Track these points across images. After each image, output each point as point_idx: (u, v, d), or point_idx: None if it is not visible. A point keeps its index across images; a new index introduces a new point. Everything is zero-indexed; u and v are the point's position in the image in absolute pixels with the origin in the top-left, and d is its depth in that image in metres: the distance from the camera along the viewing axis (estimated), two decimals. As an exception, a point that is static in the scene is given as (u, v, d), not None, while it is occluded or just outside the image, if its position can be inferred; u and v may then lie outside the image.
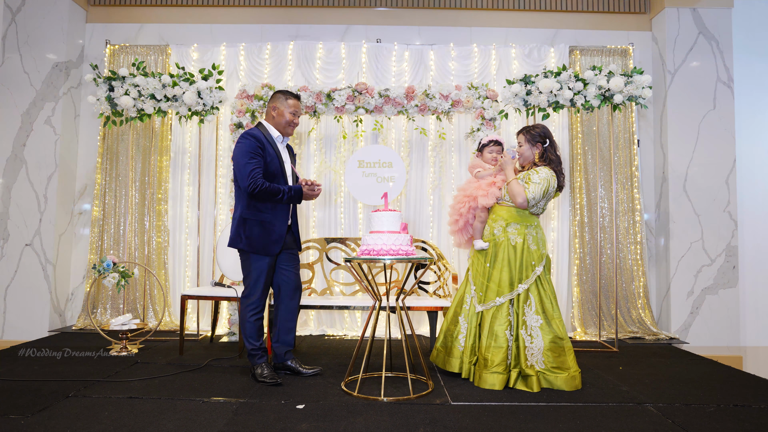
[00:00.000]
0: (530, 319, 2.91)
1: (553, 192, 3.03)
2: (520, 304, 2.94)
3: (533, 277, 2.95)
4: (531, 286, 2.95)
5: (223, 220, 4.66)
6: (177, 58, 4.80)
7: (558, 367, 2.85)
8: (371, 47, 4.83)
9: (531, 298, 2.94)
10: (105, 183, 4.76)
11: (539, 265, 2.97)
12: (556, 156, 3.05)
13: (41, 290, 4.54)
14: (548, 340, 2.87)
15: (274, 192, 2.90)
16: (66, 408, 2.48)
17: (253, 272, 3.00)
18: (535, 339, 2.88)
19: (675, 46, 4.73)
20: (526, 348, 2.89)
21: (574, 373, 2.86)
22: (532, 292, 2.94)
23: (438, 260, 4.24)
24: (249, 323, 3.02)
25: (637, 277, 4.69)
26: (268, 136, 3.05)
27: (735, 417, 2.45)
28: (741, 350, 4.59)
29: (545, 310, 2.92)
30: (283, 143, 3.15)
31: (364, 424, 2.31)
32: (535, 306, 2.92)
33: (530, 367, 2.86)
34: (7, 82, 4.64)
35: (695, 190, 4.65)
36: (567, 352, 2.89)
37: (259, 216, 2.97)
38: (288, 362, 3.13)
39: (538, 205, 3.03)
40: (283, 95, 3.10)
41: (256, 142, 2.94)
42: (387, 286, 2.94)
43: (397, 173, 4.28)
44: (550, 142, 3.05)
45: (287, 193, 2.94)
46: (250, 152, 2.92)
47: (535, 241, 2.99)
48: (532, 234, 3.00)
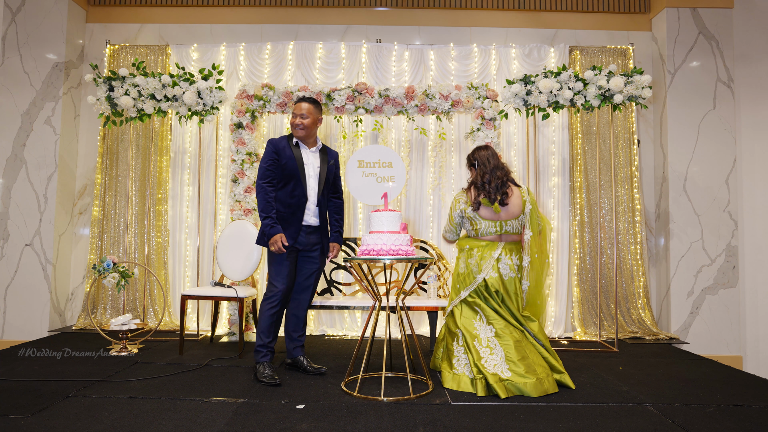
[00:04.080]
0: (483, 331, 2.99)
1: (464, 209, 3.10)
2: (472, 315, 3.06)
3: (457, 299, 3.07)
4: (477, 299, 3.04)
5: (223, 220, 4.66)
6: (177, 58, 4.80)
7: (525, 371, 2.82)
8: (371, 47, 4.83)
9: (479, 311, 3.03)
10: (105, 183, 4.76)
11: (464, 289, 3.06)
12: (482, 175, 3.10)
13: (41, 290, 4.54)
14: (510, 347, 2.86)
15: (264, 207, 3.09)
16: (66, 408, 2.48)
17: (271, 267, 3.16)
18: (495, 349, 2.91)
19: (675, 46, 4.73)
20: (484, 358, 2.93)
21: (542, 376, 2.81)
22: (478, 303, 3.03)
23: (438, 260, 4.24)
24: (264, 317, 3.11)
25: (637, 277, 4.69)
26: (291, 142, 3.21)
27: (735, 417, 2.45)
28: (741, 350, 4.59)
29: (491, 321, 2.97)
30: (313, 149, 3.25)
31: (364, 424, 2.31)
32: (485, 318, 2.99)
33: (494, 375, 2.81)
34: (7, 82, 4.64)
35: (695, 190, 4.65)
36: (530, 355, 2.89)
37: (277, 214, 3.12)
38: (298, 357, 3.22)
39: (463, 230, 3.22)
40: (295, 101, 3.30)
41: (272, 147, 3.16)
42: (387, 286, 2.94)
43: (397, 173, 4.28)
44: (478, 163, 3.14)
45: (266, 219, 3.08)
46: (266, 157, 3.16)
47: (466, 266, 3.10)
48: (463, 258, 3.14)
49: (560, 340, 4.37)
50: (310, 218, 3.18)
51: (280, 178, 3.13)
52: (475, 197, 3.05)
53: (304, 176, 3.15)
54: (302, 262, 3.23)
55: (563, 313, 4.61)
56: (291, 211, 3.12)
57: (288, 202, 3.12)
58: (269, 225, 3.05)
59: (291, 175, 3.13)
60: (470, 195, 3.09)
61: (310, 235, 3.18)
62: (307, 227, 3.17)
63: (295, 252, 3.16)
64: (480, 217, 3.06)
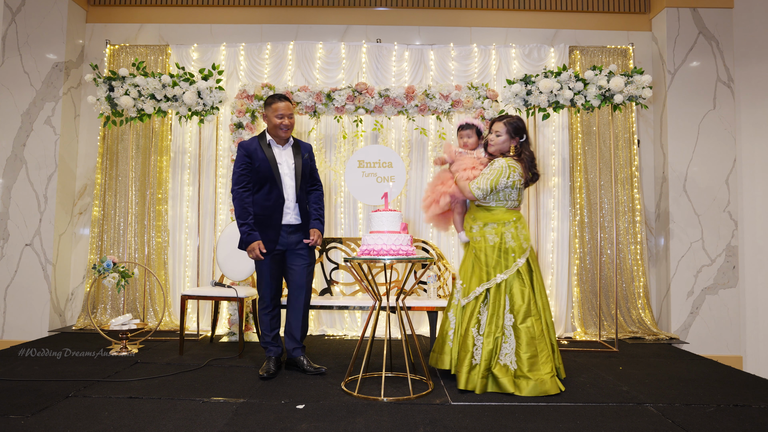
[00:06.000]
0: (505, 318, 2.86)
1: (518, 181, 2.95)
2: (498, 302, 2.88)
3: (514, 268, 2.89)
4: (510, 278, 2.89)
5: (223, 220, 4.66)
6: (177, 58, 4.80)
7: (529, 370, 2.75)
8: (371, 47, 4.83)
9: (506, 297, 2.88)
10: (105, 183, 4.76)
11: (520, 257, 2.92)
12: (530, 152, 3.02)
13: (41, 290, 4.54)
14: (522, 340, 2.79)
15: (240, 213, 3.09)
16: (66, 408, 2.48)
17: (257, 272, 3.20)
18: (509, 338, 2.82)
19: (675, 46, 4.73)
20: (501, 347, 2.82)
21: (545, 377, 2.73)
22: (510, 287, 2.88)
23: (438, 260, 4.24)
24: (260, 318, 3.25)
25: (637, 277, 4.69)
26: (263, 143, 3.16)
27: (735, 417, 2.45)
28: (741, 350, 4.59)
29: (516, 309, 2.84)
30: (285, 147, 3.22)
31: (364, 424, 2.31)
32: (509, 305, 2.87)
33: (503, 366, 2.79)
34: (7, 82, 4.64)
35: (695, 190, 4.65)
36: (540, 353, 2.78)
37: (256, 218, 3.12)
38: (298, 358, 3.22)
39: (506, 197, 2.97)
40: (269, 100, 3.18)
41: (243, 152, 3.13)
42: (387, 286, 2.94)
43: (397, 173, 4.28)
44: (526, 138, 3.04)
45: (243, 226, 3.08)
46: (238, 162, 3.14)
47: (514, 238, 2.94)
48: (511, 231, 2.95)
49: (560, 340, 4.37)
50: (291, 218, 3.16)
51: (255, 182, 3.11)
52: (524, 172, 2.97)
53: (279, 177, 3.12)
54: (291, 259, 3.20)
55: (563, 313, 4.61)
56: (269, 213, 3.10)
57: (265, 205, 3.10)
58: (246, 232, 3.07)
59: (265, 178, 3.10)
60: (522, 168, 2.97)
61: (291, 234, 3.16)
62: (288, 227, 3.15)
63: (279, 254, 3.17)
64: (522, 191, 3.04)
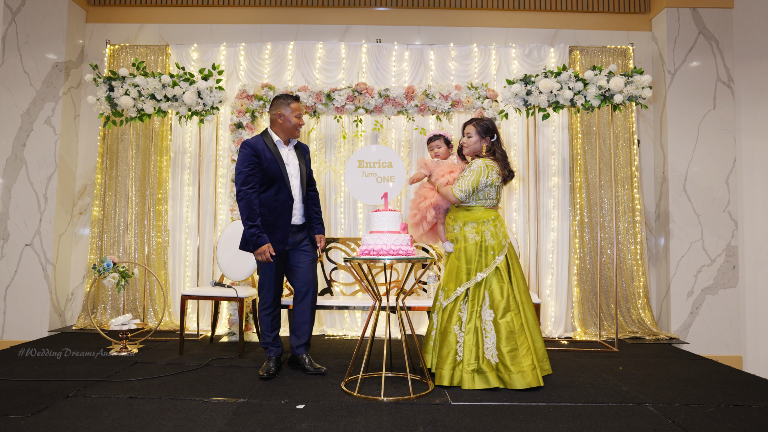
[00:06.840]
0: (484, 314, 2.91)
1: (497, 179, 3.01)
2: (477, 298, 2.93)
3: (493, 265, 2.96)
4: (489, 276, 2.94)
5: (223, 220, 4.66)
6: (177, 58, 4.80)
7: (510, 363, 2.80)
8: (371, 47, 4.83)
9: (485, 293, 2.93)
10: (105, 183, 4.76)
11: (498, 254, 2.98)
12: (502, 151, 3.11)
13: (41, 290, 4.54)
14: (502, 334, 2.84)
15: (250, 215, 3.00)
16: (66, 408, 2.48)
17: (260, 272, 3.17)
18: (489, 333, 2.87)
19: (675, 46, 4.73)
20: (483, 342, 2.87)
21: (525, 368, 2.79)
22: (489, 283, 2.93)
23: (438, 260, 4.24)
24: (261, 318, 3.22)
25: (637, 277, 4.69)
26: (269, 143, 3.12)
27: (735, 417, 2.45)
28: (741, 350, 4.59)
29: (495, 305, 2.89)
30: (289, 147, 3.22)
31: (364, 424, 2.31)
32: (488, 300, 2.92)
33: (487, 362, 2.84)
34: (7, 82, 4.64)
35: (695, 190, 4.65)
36: (520, 346, 2.83)
37: (263, 219, 3.07)
38: (301, 356, 3.21)
39: (485, 196, 3.03)
40: (284, 101, 3.14)
41: (251, 151, 3.05)
42: (387, 286, 2.94)
43: (397, 173, 4.28)
44: (497, 137, 3.11)
45: (252, 228, 2.99)
46: (245, 161, 3.04)
47: (493, 236, 3.01)
48: (490, 229, 3.01)
49: (560, 340, 4.37)
50: (297, 218, 3.18)
51: (263, 182, 3.06)
52: (501, 170, 3.06)
53: (287, 177, 3.11)
54: (296, 258, 3.20)
55: (563, 313, 4.61)
56: (277, 214, 3.07)
57: (273, 206, 3.07)
58: (256, 234, 2.99)
59: (275, 178, 3.07)
60: (499, 167, 3.06)
61: (296, 234, 3.19)
62: (294, 227, 3.17)
63: (284, 254, 3.16)
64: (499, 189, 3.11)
